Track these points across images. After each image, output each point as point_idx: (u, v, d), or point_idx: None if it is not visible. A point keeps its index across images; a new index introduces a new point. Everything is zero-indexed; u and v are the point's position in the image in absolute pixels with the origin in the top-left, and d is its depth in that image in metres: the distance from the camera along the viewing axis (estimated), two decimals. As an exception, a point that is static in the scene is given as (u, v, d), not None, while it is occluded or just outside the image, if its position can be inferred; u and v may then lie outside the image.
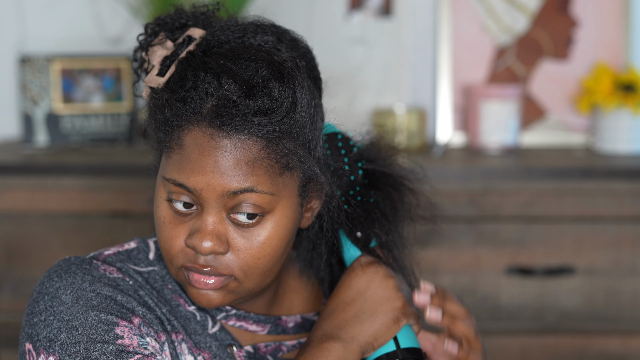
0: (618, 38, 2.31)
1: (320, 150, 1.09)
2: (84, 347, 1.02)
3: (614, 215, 1.97)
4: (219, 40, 1.06)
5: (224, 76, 1.01)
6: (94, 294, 1.06)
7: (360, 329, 1.09)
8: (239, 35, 1.07)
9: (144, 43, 1.10)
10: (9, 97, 2.37)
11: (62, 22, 2.37)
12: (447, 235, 1.96)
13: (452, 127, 2.31)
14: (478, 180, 1.97)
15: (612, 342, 1.99)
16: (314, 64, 1.12)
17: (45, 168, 2.00)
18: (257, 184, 1.02)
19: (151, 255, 1.14)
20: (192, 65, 1.03)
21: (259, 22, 1.09)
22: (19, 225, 1.99)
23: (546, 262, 1.98)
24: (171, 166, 1.04)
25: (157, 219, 1.07)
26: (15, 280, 1.99)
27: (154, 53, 1.08)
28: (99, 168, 1.99)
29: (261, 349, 1.15)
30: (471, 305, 1.98)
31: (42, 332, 1.04)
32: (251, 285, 1.07)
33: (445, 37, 2.31)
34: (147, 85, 1.07)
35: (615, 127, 2.18)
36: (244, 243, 1.04)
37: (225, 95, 1.00)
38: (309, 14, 2.31)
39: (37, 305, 1.06)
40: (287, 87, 1.02)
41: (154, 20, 1.11)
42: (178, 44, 1.08)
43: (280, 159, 1.02)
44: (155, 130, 1.05)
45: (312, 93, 1.06)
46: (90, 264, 1.09)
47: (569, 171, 1.98)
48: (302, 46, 1.10)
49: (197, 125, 1.01)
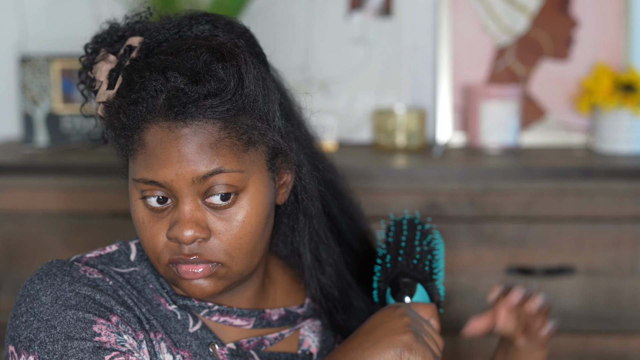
0: (618, 38, 2.31)
1: (279, 122, 1.11)
2: (62, 344, 1.04)
3: (614, 215, 1.97)
4: (158, 41, 1.10)
5: (168, 70, 1.03)
6: (73, 293, 1.07)
7: (361, 355, 1.09)
8: (174, 31, 1.10)
9: (87, 62, 1.14)
10: (9, 97, 2.37)
11: (62, 22, 2.37)
12: (447, 235, 1.96)
13: (452, 127, 2.31)
14: (478, 180, 1.97)
15: (612, 342, 1.99)
16: (254, 41, 1.14)
17: (45, 168, 2.00)
18: (224, 164, 1.04)
19: (132, 257, 1.16)
20: (136, 69, 1.06)
21: (192, 15, 1.12)
22: (19, 225, 1.99)
23: (546, 262, 1.98)
24: (138, 167, 1.06)
25: (136, 222, 1.09)
26: (16, 280, 1.99)
27: (99, 69, 1.11)
28: (99, 168, 1.99)
29: (244, 345, 1.16)
30: (471, 305, 1.98)
31: (23, 333, 1.06)
32: (240, 268, 1.08)
33: (445, 37, 2.31)
34: (100, 102, 1.10)
35: (615, 127, 2.18)
36: (223, 225, 1.06)
37: (173, 87, 1.03)
38: (309, 14, 2.31)
39: (19, 307, 1.08)
40: (230, 65, 1.04)
41: (92, 40, 1.15)
42: (120, 56, 1.11)
43: (242, 136, 1.04)
44: (115, 139, 1.08)
45: (257, 67, 1.08)
46: (71, 265, 1.11)
47: (569, 171, 1.98)
48: (238, 27, 1.13)
49: (153, 122, 1.04)
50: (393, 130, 2.20)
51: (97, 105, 1.11)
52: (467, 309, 1.98)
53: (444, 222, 1.95)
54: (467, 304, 1.99)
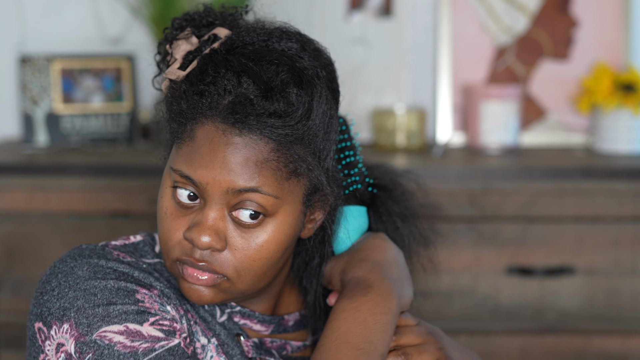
0: (618, 38, 2.31)
1: (330, 162, 1.09)
2: (104, 308, 1.02)
3: (614, 215, 1.97)
4: (244, 41, 1.07)
5: (244, 75, 1.02)
6: (111, 270, 1.06)
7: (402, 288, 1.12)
8: (264, 38, 1.08)
9: (169, 36, 1.12)
10: (9, 97, 2.37)
11: (62, 22, 2.37)
12: (447, 235, 1.96)
13: (452, 127, 2.31)
14: (478, 180, 1.97)
15: (612, 342, 1.99)
16: (334, 76, 1.12)
17: (45, 168, 2.00)
18: (262, 185, 1.02)
19: (157, 248, 1.15)
20: (214, 61, 1.04)
21: (285, 29, 1.10)
22: (19, 225, 1.99)
23: (546, 262, 1.98)
24: (180, 157, 1.04)
25: (159, 209, 1.08)
26: (16, 280, 1.99)
27: (178, 47, 1.09)
28: (99, 168, 1.99)
29: (267, 343, 1.16)
30: (471, 305, 1.99)
31: (55, 305, 1.03)
32: (243, 287, 1.07)
33: (445, 37, 2.31)
34: (167, 78, 1.08)
35: (615, 127, 2.18)
36: (242, 243, 1.05)
37: (242, 93, 1.01)
38: (309, 14, 2.31)
39: (49, 284, 1.06)
40: (305, 93, 1.03)
41: (182, 16, 1.13)
42: (203, 41, 1.09)
43: (289, 164, 1.03)
44: (169, 121, 1.06)
45: (329, 103, 1.07)
46: (103, 249, 1.09)
47: (569, 171, 1.98)
48: (324, 57, 1.11)
49: (211, 119, 1.02)
50: (393, 130, 2.20)
51: (163, 80, 1.09)
52: (467, 309, 1.98)
53: (444, 222, 1.95)
54: (467, 304, 1.99)
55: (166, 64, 1.11)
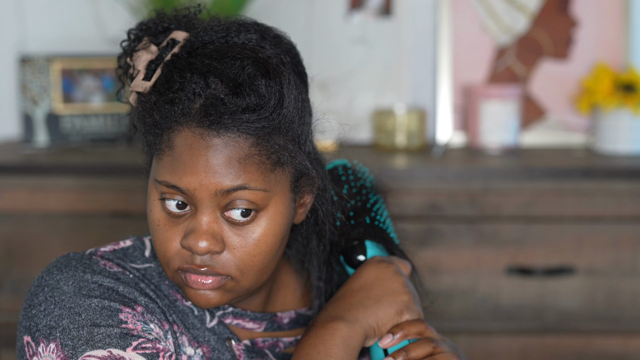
0: (618, 38, 2.31)
1: (310, 145, 1.10)
2: (88, 330, 1.02)
3: (614, 215, 1.97)
4: (203, 41, 1.07)
5: (210, 76, 1.02)
6: (96, 285, 1.06)
7: (364, 312, 1.10)
8: (222, 35, 1.08)
9: (128, 49, 1.12)
10: (9, 97, 2.37)
11: (62, 22, 2.37)
12: (447, 235, 1.96)
13: (452, 127, 2.31)
14: (478, 180, 1.97)
15: (612, 342, 1.99)
16: (299, 59, 1.13)
17: (45, 168, 2.00)
18: (249, 181, 1.02)
19: (147, 253, 1.15)
20: (178, 67, 1.04)
21: (242, 21, 1.10)
22: (19, 225, 1.99)
23: (546, 262, 1.98)
24: (163, 168, 1.04)
25: (151, 222, 1.08)
26: (15, 280, 1.99)
27: (139, 58, 1.09)
28: (99, 168, 1.99)
29: (259, 343, 1.16)
30: (471, 305, 1.98)
31: (42, 322, 1.04)
32: (248, 284, 1.07)
33: (445, 37, 2.31)
34: (134, 91, 1.08)
35: (615, 127, 2.18)
36: (239, 241, 1.05)
37: (212, 94, 1.01)
38: (309, 14, 2.31)
39: (36, 297, 1.06)
40: (273, 83, 1.03)
41: (137, 26, 1.13)
42: (162, 48, 1.09)
43: (271, 155, 1.03)
44: (144, 134, 1.06)
45: (298, 88, 1.07)
46: (90, 259, 1.09)
47: (569, 171, 1.98)
48: (285, 42, 1.11)
49: (186, 125, 1.02)
50: (393, 130, 2.20)
51: (130, 93, 1.09)
52: (467, 309, 1.98)
53: (444, 222, 1.95)
54: (467, 304, 1.99)
55: (130, 77, 1.11)
